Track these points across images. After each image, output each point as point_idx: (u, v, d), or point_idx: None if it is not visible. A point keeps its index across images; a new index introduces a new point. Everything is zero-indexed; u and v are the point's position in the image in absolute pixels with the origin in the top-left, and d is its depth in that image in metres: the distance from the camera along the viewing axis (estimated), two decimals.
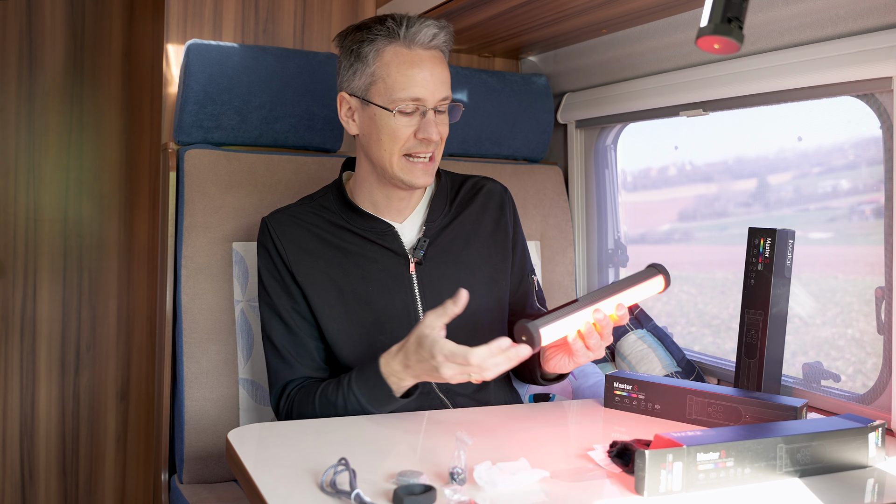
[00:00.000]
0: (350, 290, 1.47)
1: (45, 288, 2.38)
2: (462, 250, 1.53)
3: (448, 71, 1.45)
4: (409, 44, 1.40)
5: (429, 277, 1.49)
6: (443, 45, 1.44)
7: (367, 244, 1.49)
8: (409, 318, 1.47)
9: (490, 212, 1.58)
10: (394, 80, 1.40)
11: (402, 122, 1.41)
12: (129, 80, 2.45)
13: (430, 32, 1.41)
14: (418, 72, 1.40)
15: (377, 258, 1.48)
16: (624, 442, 1.13)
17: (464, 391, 1.50)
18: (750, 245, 1.56)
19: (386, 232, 1.49)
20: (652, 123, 2.07)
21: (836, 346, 1.73)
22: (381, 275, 1.48)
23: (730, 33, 0.95)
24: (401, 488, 0.96)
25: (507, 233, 1.59)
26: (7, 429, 2.35)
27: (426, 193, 1.56)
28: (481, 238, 1.56)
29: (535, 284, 1.68)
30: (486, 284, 1.54)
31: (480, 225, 1.57)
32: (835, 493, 1.05)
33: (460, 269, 1.52)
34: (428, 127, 1.40)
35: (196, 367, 1.74)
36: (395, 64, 1.40)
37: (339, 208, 1.52)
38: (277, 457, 1.15)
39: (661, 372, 1.81)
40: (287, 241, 1.49)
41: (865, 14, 1.41)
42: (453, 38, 1.47)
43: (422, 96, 1.40)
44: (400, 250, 1.49)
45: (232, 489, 1.72)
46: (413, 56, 1.41)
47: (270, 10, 2.12)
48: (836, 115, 1.67)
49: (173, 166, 1.83)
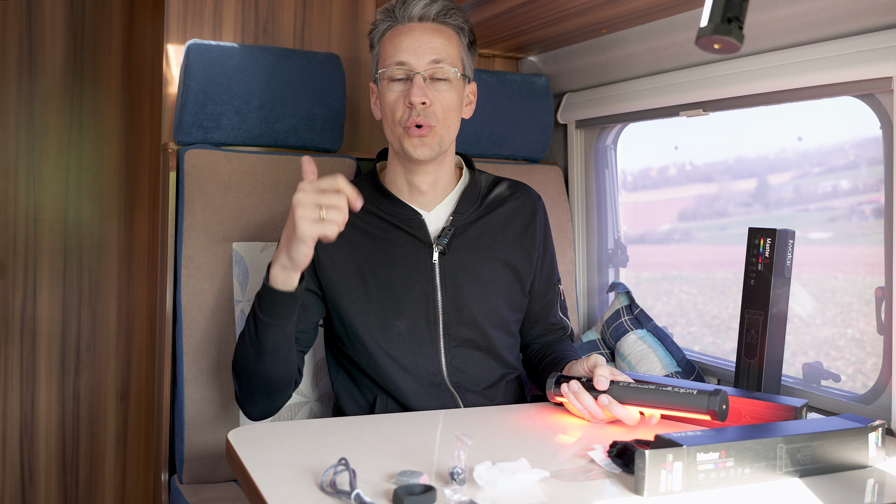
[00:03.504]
0: (372, 273, 1.50)
1: (45, 288, 2.38)
2: (487, 247, 1.55)
3: (445, 40, 1.47)
4: (404, 20, 1.48)
5: (451, 268, 1.51)
6: (439, 16, 1.48)
7: (393, 230, 1.52)
8: (427, 306, 1.49)
9: (521, 216, 1.60)
10: (386, 52, 1.48)
11: (392, 89, 1.46)
12: (129, 80, 2.45)
13: (421, 3, 1.46)
14: (404, 38, 1.46)
15: (402, 244, 1.51)
16: (624, 442, 1.13)
17: (474, 387, 1.52)
18: (750, 245, 1.56)
19: (413, 219, 1.52)
20: (652, 123, 2.07)
21: (836, 346, 1.73)
22: (404, 261, 1.50)
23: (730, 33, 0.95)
24: (401, 488, 0.96)
25: (536, 239, 1.60)
26: (7, 429, 2.35)
27: (458, 186, 1.58)
28: (508, 239, 1.57)
29: (560, 294, 1.69)
30: (507, 285, 1.56)
31: (509, 227, 1.58)
32: (835, 493, 1.05)
33: (483, 264, 1.54)
34: (411, 89, 1.43)
35: (196, 367, 1.74)
36: (389, 38, 1.49)
37: (370, 193, 1.54)
38: (277, 457, 1.15)
39: (661, 372, 1.81)
40: None
41: (865, 14, 1.41)
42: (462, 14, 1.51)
43: (405, 60, 1.45)
44: (425, 238, 1.51)
45: (232, 489, 1.72)
46: (404, 28, 1.48)
47: (270, 10, 2.12)
48: (836, 115, 1.67)
49: (173, 166, 1.83)
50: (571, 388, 1.33)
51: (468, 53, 1.53)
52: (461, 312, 1.51)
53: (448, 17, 1.48)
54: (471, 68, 1.55)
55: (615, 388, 1.32)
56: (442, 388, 1.49)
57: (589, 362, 1.38)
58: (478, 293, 1.52)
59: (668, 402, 1.27)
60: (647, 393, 1.29)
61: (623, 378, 1.35)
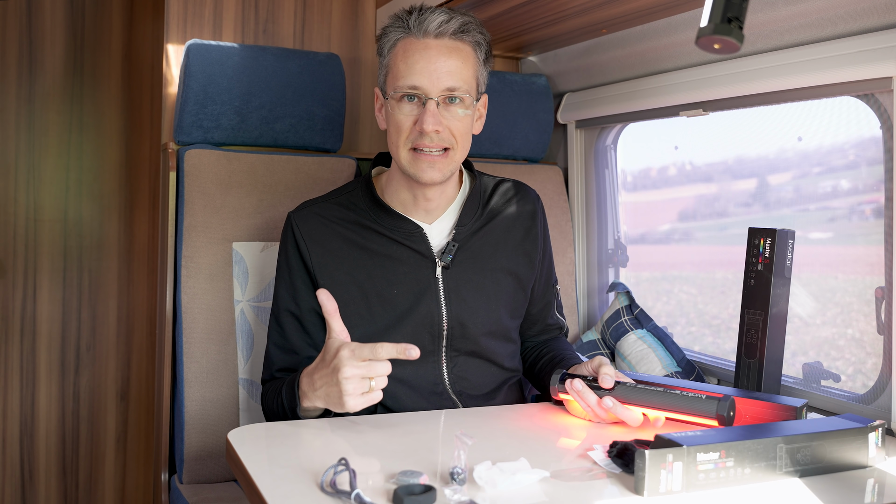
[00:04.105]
0: (374, 292, 1.46)
1: (45, 288, 2.38)
2: (490, 258, 1.52)
3: (461, 62, 1.39)
4: (419, 33, 1.38)
5: (455, 282, 1.48)
6: (457, 33, 1.39)
7: (393, 245, 1.47)
8: (431, 322, 1.46)
9: (522, 220, 1.57)
10: (398, 69, 1.39)
11: (403, 111, 1.39)
12: (129, 80, 2.45)
13: (438, 20, 1.37)
14: (418, 60, 1.37)
15: (403, 259, 1.47)
16: (624, 442, 1.13)
17: (475, 392, 1.51)
18: (750, 245, 1.55)
19: (414, 233, 1.47)
20: (652, 123, 2.07)
21: (836, 346, 1.73)
22: (406, 277, 1.46)
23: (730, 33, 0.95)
24: (401, 488, 0.96)
25: (537, 243, 1.58)
26: (7, 429, 2.35)
27: (459, 195, 1.53)
28: (510, 247, 1.54)
29: (557, 294, 1.69)
30: (510, 294, 1.54)
31: (510, 233, 1.55)
32: (835, 493, 1.05)
33: (486, 276, 1.51)
34: (424, 116, 1.36)
35: (196, 367, 1.74)
36: (402, 53, 1.39)
37: (367, 206, 1.49)
38: (277, 457, 1.15)
39: (661, 372, 1.81)
40: (312, 243, 1.47)
41: (865, 14, 1.41)
42: (479, 28, 1.42)
43: (419, 84, 1.37)
44: (427, 252, 1.47)
45: (232, 489, 1.71)
46: (418, 45, 1.38)
47: (270, 10, 2.12)
48: (836, 115, 1.67)
49: (173, 166, 1.83)
50: (575, 387, 1.33)
51: (483, 68, 1.45)
52: (465, 326, 1.48)
53: (466, 33, 1.40)
54: (485, 83, 1.48)
55: (621, 389, 1.31)
56: (444, 397, 1.48)
57: (594, 363, 1.37)
58: (482, 306, 1.50)
59: (675, 405, 1.27)
60: (653, 395, 1.29)
61: (627, 381, 1.35)
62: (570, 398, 1.36)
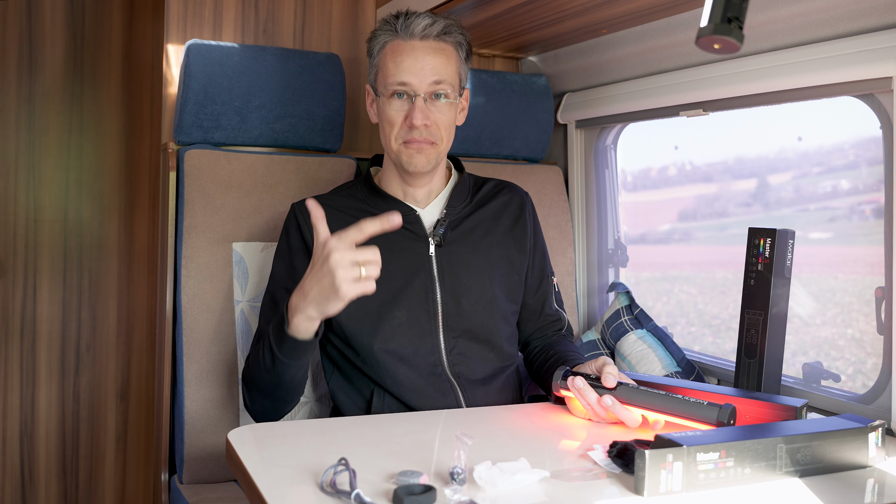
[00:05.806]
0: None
1: (45, 288, 2.38)
2: (481, 239, 1.60)
3: (445, 59, 1.51)
4: (406, 36, 1.50)
5: (447, 260, 1.56)
6: (440, 35, 1.51)
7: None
8: (426, 298, 1.53)
9: (510, 210, 1.66)
10: (387, 69, 1.51)
11: (393, 107, 1.51)
12: (129, 80, 2.45)
13: (423, 23, 1.50)
14: (406, 59, 1.49)
15: (398, 239, 1.53)
16: (624, 442, 1.13)
17: (473, 377, 1.53)
18: (750, 245, 1.56)
19: (408, 215, 1.56)
20: (652, 123, 2.07)
21: (836, 346, 1.73)
22: (401, 255, 1.54)
23: (730, 33, 0.95)
24: (401, 488, 0.96)
25: (526, 231, 1.66)
26: (7, 429, 2.35)
27: (448, 184, 1.64)
28: (500, 231, 1.63)
29: (554, 286, 1.72)
30: (503, 274, 1.61)
31: (500, 220, 1.64)
32: (835, 493, 1.05)
33: (479, 255, 1.59)
34: (413, 112, 1.48)
35: (196, 367, 1.74)
36: (391, 53, 1.52)
37: (366, 194, 1.60)
38: (277, 457, 1.15)
39: (661, 372, 1.81)
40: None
41: (865, 14, 1.41)
42: (460, 30, 1.55)
43: (408, 80, 1.49)
44: (421, 233, 1.56)
45: (232, 489, 1.72)
46: (406, 46, 1.51)
47: (270, 10, 2.12)
48: (836, 115, 1.67)
49: (173, 166, 1.83)
50: (576, 384, 1.34)
51: (465, 65, 1.59)
52: (460, 303, 1.54)
53: (448, 35, 1.52)
54: (466, 78, 1.60)
55: (622, 389, 1.32)
56: (442, 378, 1.51)
57: (598, 362, 1.39)
58: (475, 283, 1.56)
59: (675, 409, 1.27)
60: (654, 398, 1.29)
61: (629, 382, 1.35)
62: (571, 395, 1.36)
